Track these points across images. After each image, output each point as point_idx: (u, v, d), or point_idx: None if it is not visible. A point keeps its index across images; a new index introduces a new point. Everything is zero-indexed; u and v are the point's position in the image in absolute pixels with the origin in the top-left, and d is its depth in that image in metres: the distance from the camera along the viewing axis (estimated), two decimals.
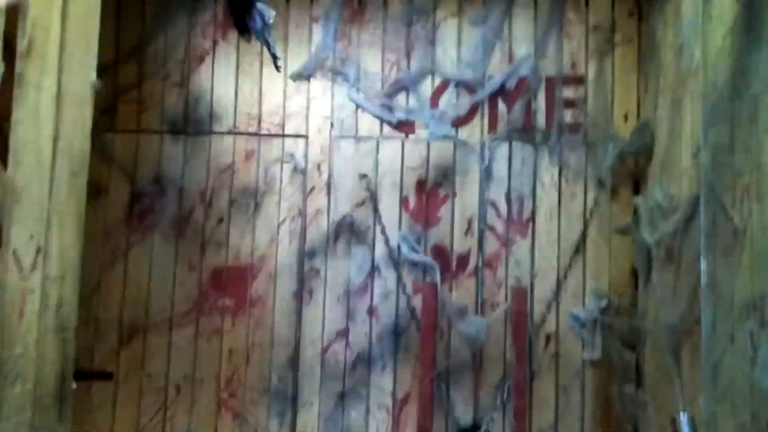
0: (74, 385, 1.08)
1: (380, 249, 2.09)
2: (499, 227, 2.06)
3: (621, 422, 1.97)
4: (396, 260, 2.06)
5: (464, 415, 2.02)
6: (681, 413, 0.84)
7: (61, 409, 1.02)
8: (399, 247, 2.06)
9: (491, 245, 2.06)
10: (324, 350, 2.08)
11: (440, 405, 2.02)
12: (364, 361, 2.07)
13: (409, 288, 2.05)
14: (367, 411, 2.06)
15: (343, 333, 2.08)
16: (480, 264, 2.04)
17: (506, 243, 2.05)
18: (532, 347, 2.00)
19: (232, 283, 2.12)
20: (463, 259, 2.05)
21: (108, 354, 2.10)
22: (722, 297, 1.22)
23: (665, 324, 1.58)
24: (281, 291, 2.11)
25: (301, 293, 2.10)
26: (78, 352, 2.12)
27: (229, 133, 2.16)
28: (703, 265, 1.24)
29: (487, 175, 2.07)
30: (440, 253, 2.06)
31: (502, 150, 2.08)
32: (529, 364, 2.00)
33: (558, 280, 2.03)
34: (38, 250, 1.00)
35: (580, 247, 2.02)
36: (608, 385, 1.99)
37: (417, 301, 2.04)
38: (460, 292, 2.05)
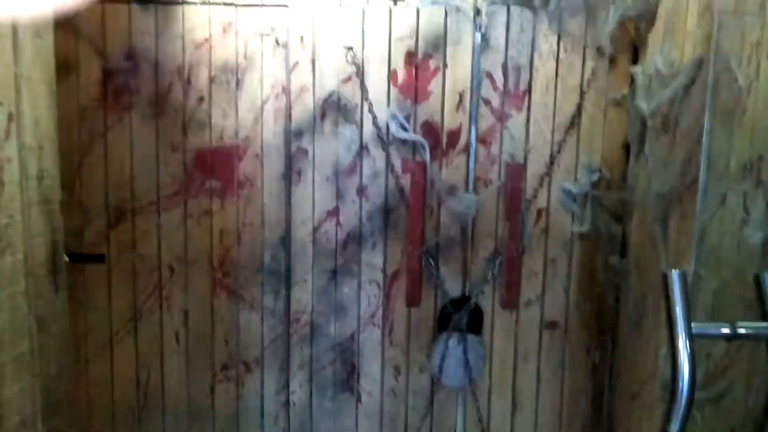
0: (66, 258, 1.07)
1: (368, 128, 2.03)
2: (495, 100, 2.00)
3: (604, 291, 2.06)
4: (385, 139, 2.01)
5: (453, 288, 2.08)
6: (672, 271, 0.85)
7: (56, 280, 1.01)
8: (387, 125, 2.00)
9: (486, 120, 2.01)
10: (315, 229, 2.09)
11: (429, 279, 2.07)
12: (355, 239, 2.09)
13: (399, 167, 2.03)
14: (359, 286, 2.11)
15: (334, 212, 2.08)
16: (473, 140, 2.01)
17: (502, 117, 2.00)
18: (524, 222, 2.03)
19: (218, 165, 2.07)
20: (455, 136, 2.01)
21: (97, 237, 2.09)
22: (718, 160, 1.21)
23: (655, 193, 1.59)
24: (269, 172, 2.07)
25: (290, 174, 2.07)
26: (66, 236, 2.11)
27: (203, 3, 2.00)
28: (706, 125, 1.22)
29: (482, 44, 1.97)
30: (430, 130, 2.01)
31: (500, 16, 1.96)
32: (521, 238, 2.03)
33: (551, 155, 2.01)
34: (10, 117, 0.94)
35: (575, 120, 1.99)
36: (594, 257, 2.05)
37: (406, 180, 2.02)
38: (451, 170, 2.03)
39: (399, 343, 2.14)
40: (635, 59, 1.94)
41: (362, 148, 2.04)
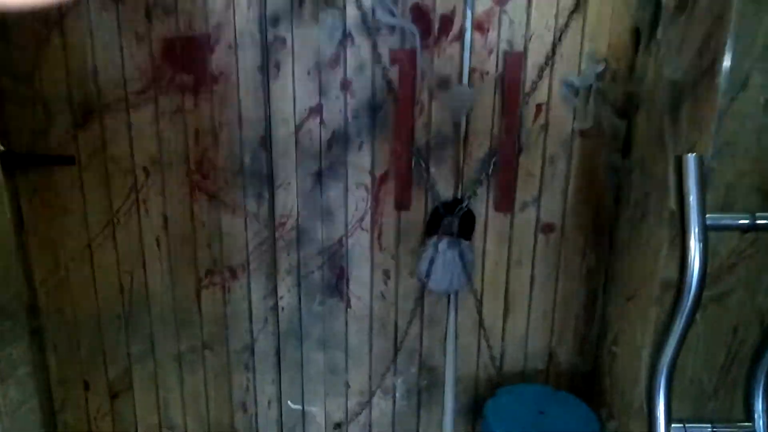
0: (2, 147, 0.94)
1: (352, 13, 1.82)
2: None
3: (603, 192, 1.95)
4: (370, 26, 1.82)
5: (445, 190, 1.97)
6: (688, 155, 0.72)
7: None
8: (373, 10, 1.79)
9: (483, 2, 1.80)
10: (297, 128, 1.95)
11: (420, 181, 1.95)
12: (341, 139, 1.95)
13: (386, 57, 1.84)
14: (346, 189, 2.00)
15: (317, 110, 1.93)
16: (468, 25, 1.81)
17: (500, 0, 1.80)
18: (522, 118, 1.88)
19: (188, 57, 1.89)
20: (448, 21, 1.81)
21: (64, 137, 1.95)
22: (742, 38, 1.05)
23: (667, 81, 1.43)
24: (244, 64, 1.90)
25: (267, 67, 1.89)
26: (32, 136, 1.96)
27: None
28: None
29: None
30: (421, 15, 1.81)
31: None
32: (518, 136, 1.89)
33: (553, 43, 1.82)
34: None
35: (580, 2, 1.78)
36: (595, 156, 1.92)
37: (395, 73, 1.85)
38: (444, 60, 1.85)
39: (388, 247, 2.06)
40: None
41: (346, 37, 1.85)
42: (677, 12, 1.40)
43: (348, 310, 2.14)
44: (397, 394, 2.22)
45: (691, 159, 0.74)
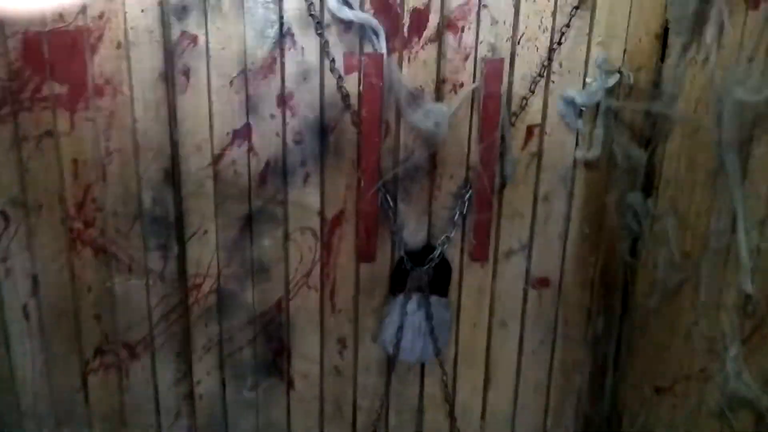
0: None
1: (292, 2, 1.35)
2: None
3: (616, 240, 1.56)
4: (318, 20, 1.34)
5: (416, 235, 1.52)
6: None
7: None
8: None
9: None
10: (216, 158, 1.44)
11: (385, 224, 1.49)
12: (277, 171, 1.46)
13: (340, 62, 1.38)
14: (286, 236, 1.51)
15: (243, 133, 1.43)
16: (440, 24, 1.37)
17: None
18: (505, 142, 1.45)
19: (59, 58, 1.35)
20: (421, 17, 1.37)
21: None
22: None
23: (733, 102, 1.05)
24: (140, 71, 1.37)
25: (172, 74, 1.38)
26: None
27: None
28: None
29: None
30: (386, 8, 1.35)
31: None
32: (501, 165, 1.47)
33: (550, 47, 1.42)
34: None
35: None
36: (604, 194, 1.53)
37: (352, 82, 1.38)
38: (416, 68, 1.40)
39: (344, 309, 1.58)
40: None
41: (283, 35, 1.36)
42: (750, 4, 1.02)
43: (290, 392, 1.63)
44: None
45: None
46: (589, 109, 1.46)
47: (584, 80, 1.46)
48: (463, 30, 1.40)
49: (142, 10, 1.33)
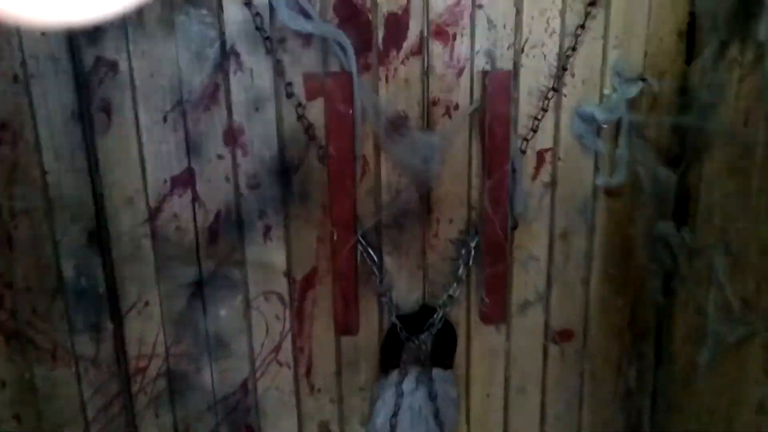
0: None
1: (235, 14, 1.06)
2: None
3: (645, 278, 1.29)
4: (268, 35, 1.06)
5: (408, 295, 1.23)
6: None
7: None
8: (271, 5, 1.04)
9: None
10: (153, 213, 1.14)
11: (368, 284, 1.20)
12: (231, 224, 1.16)
13: (299, 87, 1.09)
14: (247, 304, 1.21)
15: (185, 179, 1.13)
16: (425, 31, 1.09)
17: None
18: (516, 174, 1.18)
19: None
20: (399, 24, 1.09)
21: None
22: None
23: None
24: (46, 109, 1.08)
25: (88, 111, 1.08)
26: None
27: None
28: None
29: None
30: (353, 15, 1.07)
31: None
32: (511, 203, 1.19)
33: (561, 54, 1.15)
34: None
35: None
36: (630, 224, 1.26)
37: (317, 110, 1.10)
38: (396, 89, 1.12)
39: (324, 388, 1.28)
40: None
41: (226, 55, 1.08)
42: None
43: None
44: None
45: None
46: (609, 124, 1.20)
47: (601, 92, 1.19)
48: (454, 38, 1.12)
49: (43, 33, 1.04)
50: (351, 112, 1.00)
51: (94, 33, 1.05)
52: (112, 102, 1.09)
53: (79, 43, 1.05)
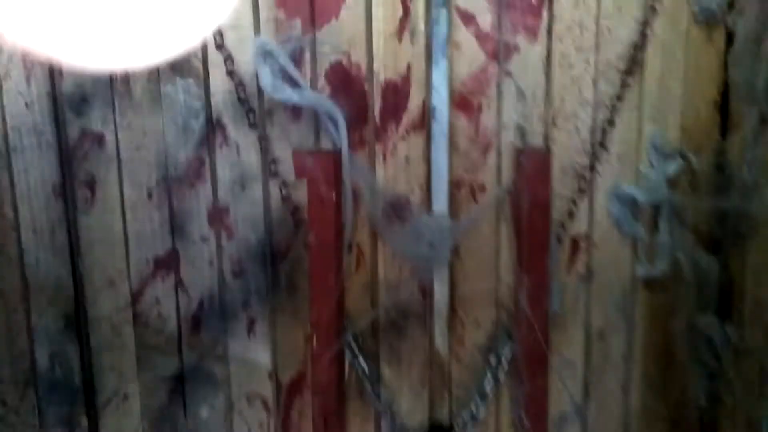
0: None
1: (220, 83, 0.97)
2: (483, 17, 0.96)
3: (686, 382, 1.05)
4: (252, 107, 0.96)
5: (413, 414, 1.05)
6: None
7: None
8: (257, 75, 0.94)
9: (467, 57, 0.97)
10: (135, 297, 1.04)
11: (364, 395, 1.03)
12: (213, 314, 1.04)
13: (286, 164, 0.98)
14: (229, 406, 1.07)
15: (168, 262, 1.03)
16: (444, 100, 0.96)
17: (497, 52, 0.96)
18: (551, 267, 1.00)
19: None
20: (398, 94, 0.97)
21: None
22: None
23: None
24: (27, 184, 1.02)
25: (71, 186, 1.01)
26: None
27: None
28: None
29: None
30: (347, 84, 0.96)
31: None
32: (548, 302, 1.01)
33: (595, 127, 0.99)
34: None
35: (636, 56, 0.96)
36: (673, 320, 1.04)
37: (303, 192, 0.98)
38: (395, 168, 0.99)
39: None
40: None
41: (212, 128, 0.99)
42: None
43: None
44: None
45: None
46: (649, 206, 1.01)
47: (637, 170, 1.01)
48: (480, 108, 0.98)
49: (27, 104, 0.99)
50: (334, 195, 0.87)
51: (81, 104, 0.99)
52: (97, 176, 1.01)
53: (65, 114, 0.99)
